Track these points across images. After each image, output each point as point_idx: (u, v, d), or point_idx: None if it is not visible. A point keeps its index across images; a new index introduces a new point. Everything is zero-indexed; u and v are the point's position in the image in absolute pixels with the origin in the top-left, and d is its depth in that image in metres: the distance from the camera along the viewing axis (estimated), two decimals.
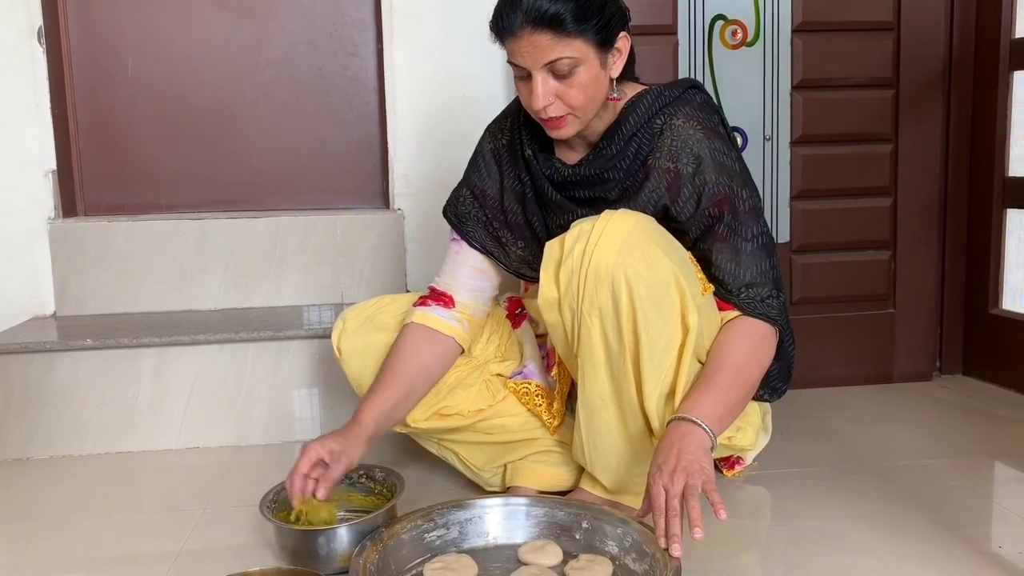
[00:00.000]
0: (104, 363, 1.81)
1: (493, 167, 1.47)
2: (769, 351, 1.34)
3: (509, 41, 1.25)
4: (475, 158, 1.51)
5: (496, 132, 1.49)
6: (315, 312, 2.06)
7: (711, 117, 1.35)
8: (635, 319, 1.22)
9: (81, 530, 1.45)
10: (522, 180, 1.44)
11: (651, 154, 1.33)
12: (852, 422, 1.89)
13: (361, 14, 2.23)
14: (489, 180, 1.47)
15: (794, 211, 2.12)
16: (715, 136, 1.33)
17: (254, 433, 1.87)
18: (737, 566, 1.27)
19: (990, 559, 1.25)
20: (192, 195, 2.24)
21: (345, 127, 2.27)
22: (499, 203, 1.46)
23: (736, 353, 1.29)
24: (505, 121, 1.48)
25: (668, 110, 1.34)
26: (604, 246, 1.22)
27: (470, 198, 1.48)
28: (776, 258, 1.36)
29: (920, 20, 2.08)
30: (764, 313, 1.32)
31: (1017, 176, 2.07)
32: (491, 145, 1.48)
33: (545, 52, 1.22)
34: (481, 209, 1.47)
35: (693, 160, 1.31)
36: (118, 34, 2.18)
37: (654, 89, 1.36)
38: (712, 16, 2.04)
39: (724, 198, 1.31)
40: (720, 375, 1.25)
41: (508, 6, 1.23)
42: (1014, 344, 2.06)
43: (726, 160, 1.32)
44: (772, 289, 1.33)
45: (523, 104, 1.32)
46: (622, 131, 1.33)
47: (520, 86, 1.29)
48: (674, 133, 1.32)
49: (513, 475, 1.50)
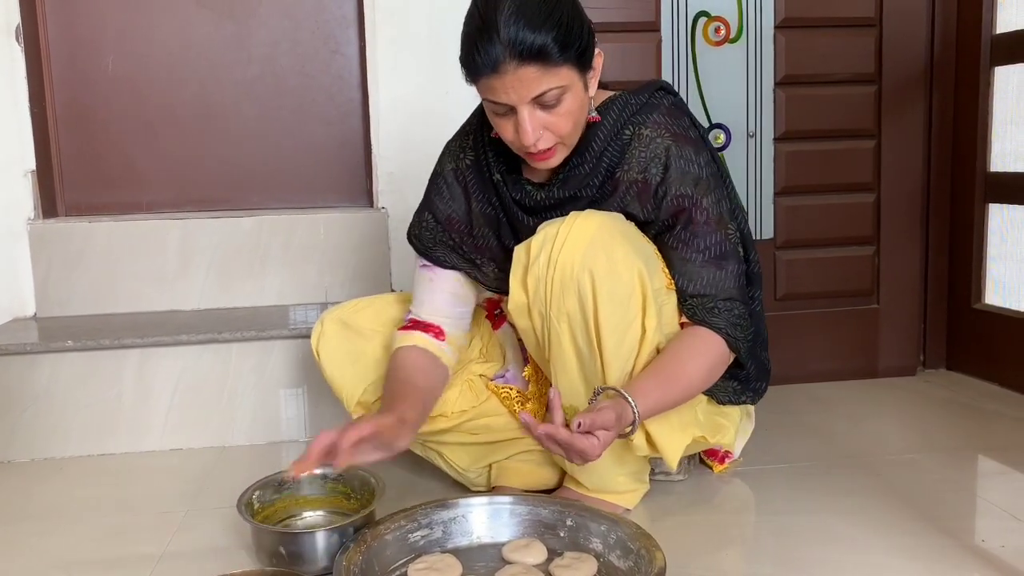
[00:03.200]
0: (86, 364, 1.80)
1: (457, 189, 1.42)
2: (718, 363, 1.31)
3: (488, 78, 1.16)
4: (435, 180, 1.44)
5: (457, 151, 1.43)
6: (300, 311, 2.04)
7: (680, 121, 1.32)
8: (599, 323, 1.22)
9: (63, 533, 1.43)
10: (493, 204, 1.39)
11: (619, 166, 1.30)
12: (837, 417, 1.90)
13: (343, 11, 2.22)
14: (454, 203, 1.42)
15: (778, 207, 2.12)
16: (685, 142, 1.30)
17: (238, 434, 1.86)
18: (722, 560, 1.27)
19: (973, 552, 1.25)
20: (174, 194, 2.22)
21: (328, 125, 2.26)
22: (467, 227, 1.41)
23: (686, 359, 1.27)
24: (467, 140, 1.42)
25: (636, 119, 1.31)
26: (569, 250, 1.20)
27: (433, 223, 1.43)
28: (738, 264, 1.32)
29: (902, 16, 2.09)
30: (704, 320, 1.29)
31: (999, 171, 2.08)
32: (452, 165, 1.42)
33: (532, 86, 1.15)
34: (447, 233, 1.42)
35: (661, 170, 1.28)
36: (98, 32, 2.16)
37: (620, 97, 1.32)
38: (695, 13, 2.04)
39: (681, 210, 1.29)
40: (667, 374, 1.24)
41: (484, 41, 1.14)
42: (997, 338, 2.07)
43: (692, 168, 1.29)
44: (719, 300, 1.30)
45: (505, 139, 1.25)
46: (593, 148, 1.29)
47: (500, 123, 1.22)
48: (643, 143, 1.29)
49: (498, 475, 1.49)
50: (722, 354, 1.31)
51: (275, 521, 1.37)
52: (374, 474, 1.38)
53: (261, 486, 1.36)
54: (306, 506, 1.41)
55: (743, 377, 1.42)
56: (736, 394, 1.44)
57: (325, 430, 1.14)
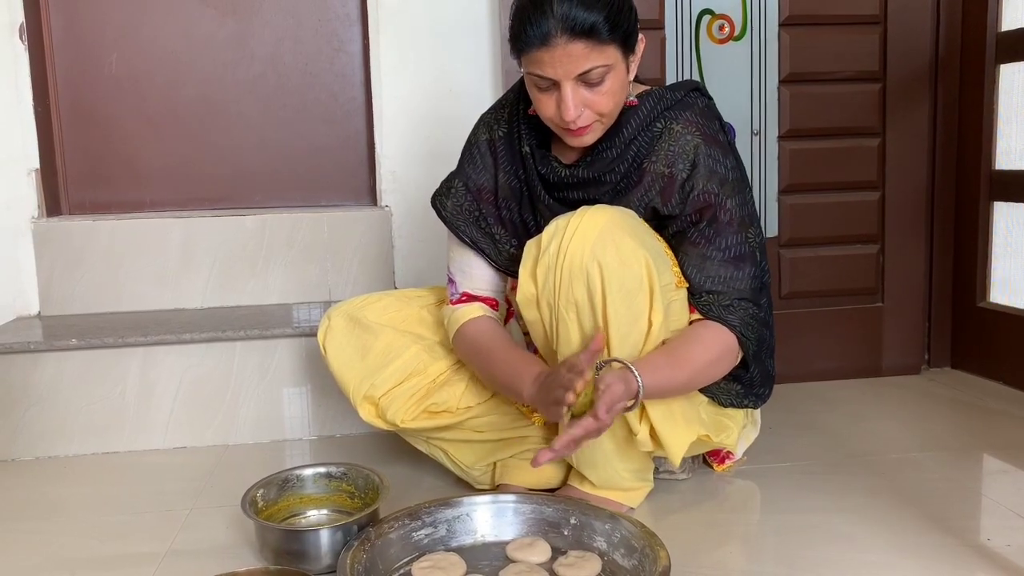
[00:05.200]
0: (89, 363, 1.80)
1: (488, 159, 1.44)
2: (725, 356, 1.32)
3: (538, 51, 1.19)
4: (469, 148, 1.47)
5: (492, 123, 1.45)
6: (303, 310, 2.04)
7: (711, 123, 1.34)
8: (607, 315, 1.22)
9: (67, 531, 1.43)
10: (519, 176, 1.41)
11: (647, 157, 1.32)
12: (841, 416, 1.90)
13: (347, 9, 2.22)
14: (485, 173, 1.44)
15: (782, 205, 2.12)
16: (713, 143, 1.32)
17: (241, 432, 1.85)
18: (726, 558, 1.27)
19: (978, 551, 1.25)
20: (177, 193, 2.22)
21: (331, 123, 2.26)
22: (494, 198, 1.44)
23: (694, 346, 1.29)
24: (502, 112, 1.45)
25: (669, 114, 1.33)
26: (579, 241, 1.21)
27: (463, 191, 1.45)
28: (755, 268, 1.34)
29: (907, 14, 2.08)
30: (720, 317, 1.31)
31: (1004, 169, 2.07)
32: (487, 136, 1.45)
33: (580, 62, 1.19)
34: (475, 203, 1.44)
35: (688, 166, 1.30)
36: (101, 31, 2.17)
37: (656, 91, 1.34)
38: (699, 10, 2.03)
39: (707, 206, 1.31)
40: (674, 357, 1.26)
41: (537, 15, 1.18)
42: (1002, 337, 2.07)
43: (719, 168, 1.31)
44: (735, 299, 1.32)
45: (543, 115, 1.27)
46: (623, 134, 1.31)
47: (542, 98, 1.25)
48: (672, 138, 1.31)
49: (502, 473, 1.49)
50: (731, 349, 1.32)
51: (279, 519, 1.37)
52: (378, 472, 1.38)
53: (265, 484, 1.36)
54: (310, 504, 1.41)
55: (747, 381, 1.42)
56: (739, 397, 1.44)
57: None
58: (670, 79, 2.03)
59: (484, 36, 2.11)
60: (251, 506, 1.30)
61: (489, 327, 1.41)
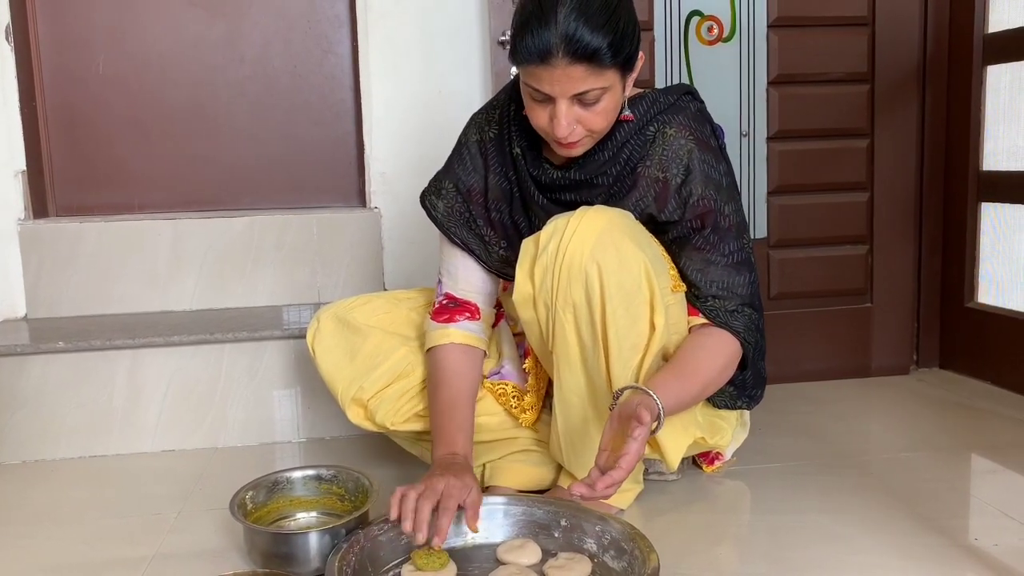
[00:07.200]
0: (77, 366, 1.79)
1: (479, 160, 1.43)
2: (731, 363, 1.33)
3: (536, 67, 1.17)
4: (459, 149, 1.45)
5: (483, 124, 1.44)
6: (293, 312, 2.04)
7: (703, 128, 1.34)
8: (605, 316, 1.22)
9: (54, 535, 1.42)
10: (509, 178, 1.41)
11: (641, 162, 1.32)
12: (830, 416, 1.90)
13: (336, 11, 2.22)
14: (475, 174, 1.43)
15: (771, 206, 2.12)
16: (706, 148, 1.32)
17: (230, 435, 1.85)
18: (716, 559, 1.27)
19: (967, 551, 1.25)
20: (165, 195, 2.21)
21: (321, 125, 2.25)
22: (483, 199, 1.43)
23: (702, 357, 1.29)
24: (493, 113, 1.43)
25: (662, 118, 1.32)
26: (578, 241, 1.21)
27: (454, 192, 1.44)
28: (753, 275, 1.35)
29: (895, 15, 2.09)
30: (726, 323, 1.32)
31: (992, 170, 2.08)
32: (477, 136, 1.44)
33: (577, 84, 1.17)
34: (464, 204, 1.43)
35: (682, 171, 1.30)
36: (88, 32, 2.15)
37: (648, 94, 1.34)
38: (688, 12, 2.04)
39: (708, 211, 1.31)
40: (684, 371, 1.26)
41: (540, 28, 1.14)
42: (990, 337, 2.07)
43: (714, 173, 1.31)
44: (739, 304, 1.33)
45: (535, 124, 1.26)
46: (615, 137, 1.31)
47: (535, 108, 1.23)
48: (666, 142, 1.31)
49: (492, 474, 1.49)
50: (736, 355, 1.33)
51: (268, 522, 1.36)
52: (367, 475, 1.37)
53: (254, 487, 1.36)
54: (299, 507, 1.41)
55: (739, 383, 1.42)
56: (732, 399, 1.45)
57: (412, 501, 1.16)
58: (659, 80, 2.03)
59: (474, 38, 2.11)
60: (240, 509, 1.29)
61: (451, 365, 1.38)
